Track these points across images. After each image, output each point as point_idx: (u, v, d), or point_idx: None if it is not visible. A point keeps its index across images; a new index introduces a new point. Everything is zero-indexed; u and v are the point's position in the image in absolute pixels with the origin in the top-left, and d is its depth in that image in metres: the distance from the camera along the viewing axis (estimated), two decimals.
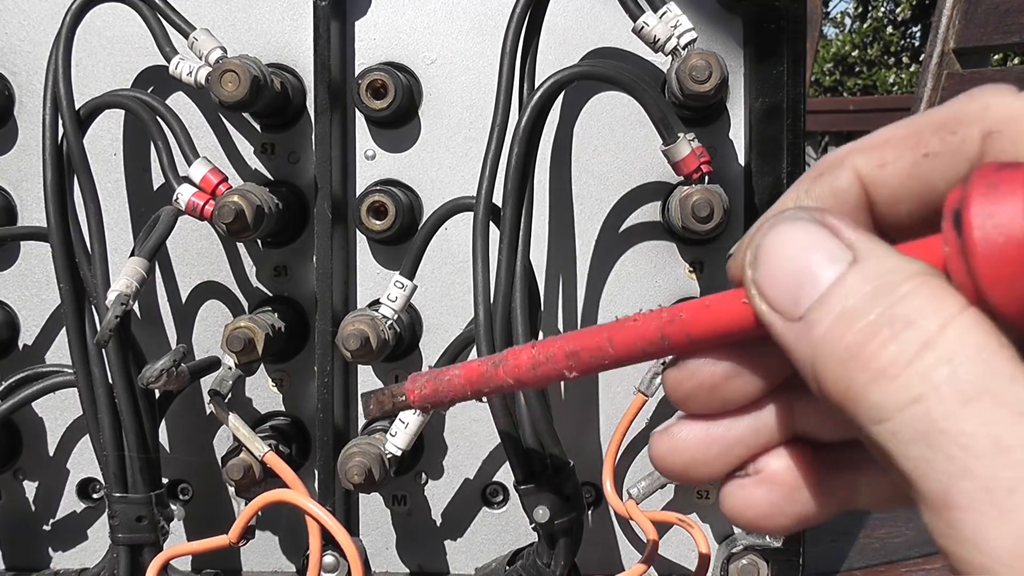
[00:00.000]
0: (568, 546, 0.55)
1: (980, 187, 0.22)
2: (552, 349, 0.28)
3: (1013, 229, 0.21)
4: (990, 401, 0.20)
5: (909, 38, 6.51)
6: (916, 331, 0.22)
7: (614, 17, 0.61)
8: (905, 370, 0.21)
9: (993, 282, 0.22)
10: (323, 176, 0.60)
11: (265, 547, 0.65)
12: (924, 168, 0.25)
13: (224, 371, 0.58)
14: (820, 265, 0.24)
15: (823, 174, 0.27)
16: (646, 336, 0.27)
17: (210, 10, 0.63)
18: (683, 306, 0.27)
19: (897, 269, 0.23)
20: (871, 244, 0.24)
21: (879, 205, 0.26)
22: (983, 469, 0.20)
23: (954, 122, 0.25)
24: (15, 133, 0.64)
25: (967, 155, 0.25)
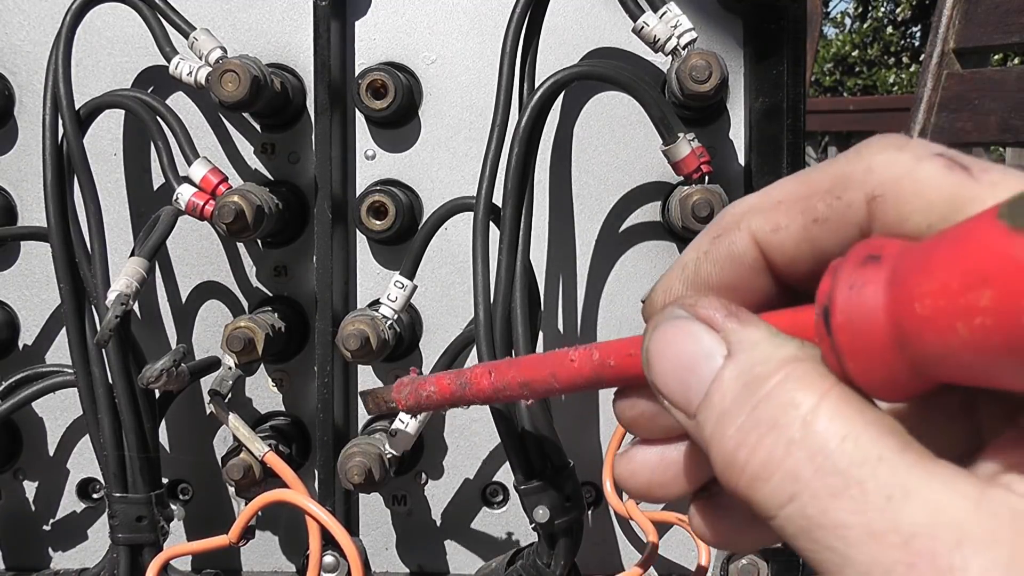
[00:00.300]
0: (568, 546, 0.55)
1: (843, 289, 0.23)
2: (507, 378, 0.31)
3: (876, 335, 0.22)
4: (858, 490, 0.21)
5: (909, 38, 6.51)
6: (780, 432, 0.22)
7: (614, 17, 0.61)
8: (776, 472, 0.22)
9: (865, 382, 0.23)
10: (323, 176, 0.60)
11: (265, 547, 0.65)
12: (814, 232, 0.26)
13: (224, 371, 0.58)
14: (699, 364, 0.25)
15: (720, 236, 0.28)
16: (583, 375, 0.29)
17: (210, 10, 0.63)
18: (612, 351, 0.28)
19: (766, 359, 0.24)
20: (743, 332, 0.24)
21: (778, 265, 0.27)
22: (861, 556, 0.21)
23: (840, 185, 0.25)
24: (15, 133, 0.64)
25: (854, 220, 0.25)
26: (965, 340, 0.20)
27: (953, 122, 1.38)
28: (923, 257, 0.21)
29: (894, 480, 0.21)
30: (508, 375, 0.31)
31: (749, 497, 0.23)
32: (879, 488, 0.21)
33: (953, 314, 0.20)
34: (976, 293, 0.20)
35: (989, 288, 0.19)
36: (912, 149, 0.24)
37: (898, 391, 0.23)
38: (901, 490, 0.21)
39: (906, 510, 0.21)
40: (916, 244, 0.22)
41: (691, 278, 0.28)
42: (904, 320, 0.21)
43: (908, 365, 0.22)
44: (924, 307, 0.21)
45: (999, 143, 1.79)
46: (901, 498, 0.21)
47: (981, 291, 0.19)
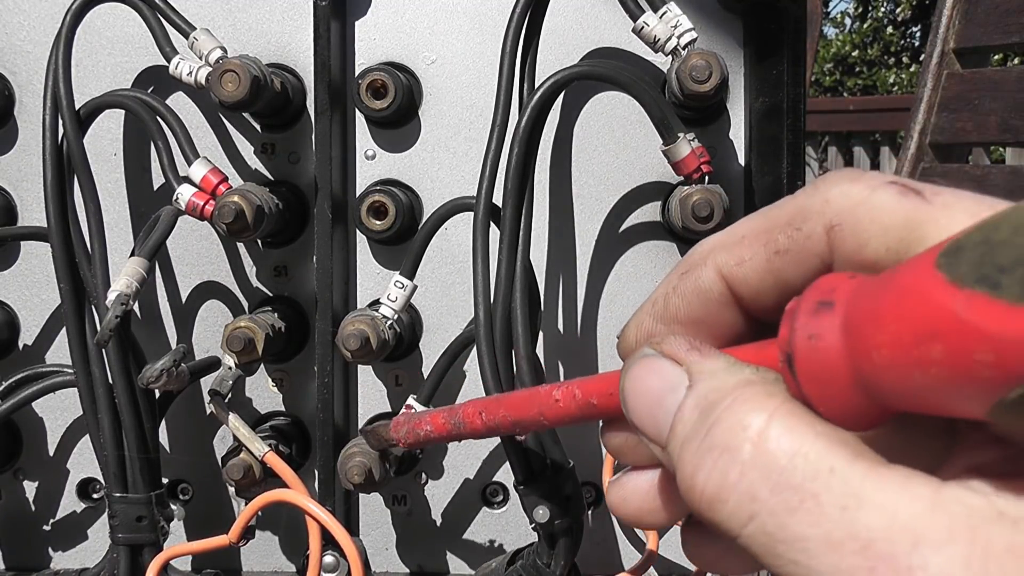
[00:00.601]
0: (568, 546, 0.55)
1: (802, 338, 0.24)
2: (497, 417, 0.32)
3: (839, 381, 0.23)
4: (812, 503, 0.22)
5: (909, 38, 6.51)
6: (733, 454, 0.23)
7: (614, 17, 0.61)
8: (732, 494, 0.23)
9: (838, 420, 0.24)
10: (323, 176, 0.60)
11: (265, 547, 0.65)
12: (777, 264, 0.27)
13: (224, 371, 0.58)
14: (665, 397, 0.26)
15: (688, 272, 0.29)
16: (570, 414, 0.30)
17: (210, 10, 0.63)
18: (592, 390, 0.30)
19: (719, 386, 0.25)
20: (703, 363, 0.26)
21: (744, 298, 0.28)
22: (823, 566, 0.21)
23: (800, 218, 0.26)
24: (15, 133, 0.64)
25: (814, 250, 0.26)
26: (923, 385, 0.21)
27: (953, 122, 1.38)
28: (873, 306, 0.22)
29: (847, 489, 0.22)
30: (499, 415, 0.33)
31: (712, 519, 0.24)
32: (833, 499, 0.22)
33: (909, 364, 0.21)
34: (927, 346, 0.20)
35: (939, 342, 0.20)
36: (866, 180, 0.25)
37: (865, 423, 0.24)
38: (855, 499, 0.21)
39: (861, 517, 0.21)
40: (865, 287, 0.23)
41: (661, 313, 0.29)
42: (863, 367, 0.22)
43: (871, 401, 0.23)
44: (881, 357, 0.22)
45: (999, 143, 1.79)
46: (856, 506, 0.21)
47: (932, 344, 0.20)
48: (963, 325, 0.20)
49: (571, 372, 0.64)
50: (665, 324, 0.29)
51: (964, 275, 0.20)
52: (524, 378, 0.53)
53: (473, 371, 0.62)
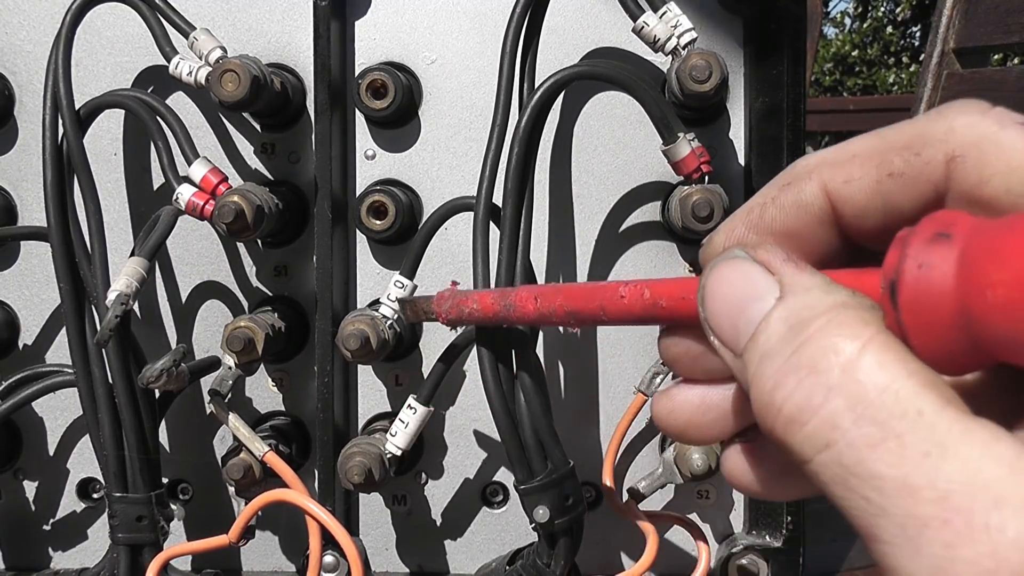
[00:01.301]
0: (568, 546, 0.55)
1: (912, 266, 0.23)
2: (554, 305, 0.31)
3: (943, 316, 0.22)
4: (895, 443, 0.21)
5: (909, 38, 6.51)
6: (819, 376, 0.22)
7: (614, 17, 0.61)
8: (813, 417, 0.22)
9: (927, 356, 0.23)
10: (323, 176, 0.60)
11: (265, 547, 0.65)
12: (889, 187, 0.26)
13: (224, 371, 0.58)
14: (751, 304, 0.25)
15: (791, 183, 0.28)
16: (633, 312, 0.29)
17: (210, 10, 0.63)
18: (663, 291, 0.28)
19: (813, 304, 0.24)
20: (798, 276, 0.25)
21: (846, 218, 0.27)
22: (896, 508, 0.21)
23: (919, 143, 0.25)
24: (15, 133, 0.64)
25: (931, 178, 0.25)
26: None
27: None
28: (996, 242, 0.21)
29: (932, 436, 0.21)
30: (555, 302, 0.31)
31: (784, 440, 0.23)
32: (917, 443, 0.21)
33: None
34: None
35: None
36: (996, 115, 0.24)
37: (958, 367, 0.23)
38: (939, 447, 0.21)
39: (943, 467, 0.21)
40: (988, 224, 0.22)
41: (755, 222, 0.28)
42: (973, 305, 0.21)
43: (971, 346, 0.22)
44: (996, 296, 0.21)
45: None
46: (939, 455, 0.21)
47: None
48: None
49: (571, 372, 0.64)
50: (758, 234, 0.28)
51: None
52: (524, 379, 0.53)
53: (473, 371, 0.62)
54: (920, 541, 0.20)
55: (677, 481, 0.59)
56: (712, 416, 0.28)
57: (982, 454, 0.21)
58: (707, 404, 0.28)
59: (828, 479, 0.22)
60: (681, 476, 0.59)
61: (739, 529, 0.64)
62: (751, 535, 0.62)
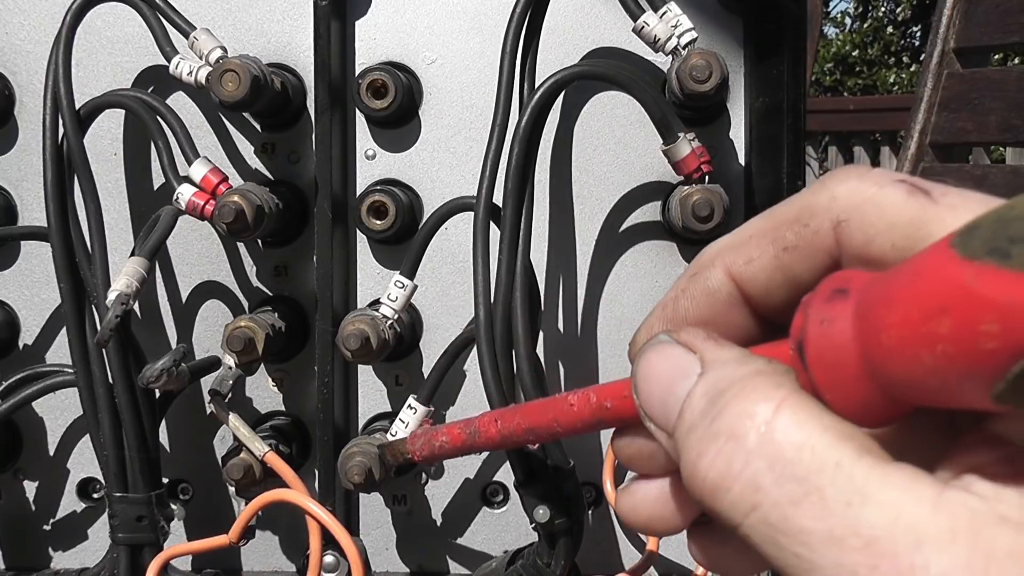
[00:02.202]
0: (568, 546, 0.55)
1: (814, 324, 0.24)
2: (512, 425, 0.33)
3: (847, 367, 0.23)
4: (817, 497, 0.22)
5: (909, 38, 6.51)
6: (738, 442, 0.23)
7: (614, 17, 0.61)
8: (735, 482, 0.23)
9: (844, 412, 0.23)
10: (323, 176, 0.60)
11: (265, 547, 0.65)
12: (785, 261, 0.27)
13: (224, 371, 0.58)
14: (676, 382, 0.26)
15: (697, 274, 0.29)
16: (584, 419, 0.30)
17: (210, 10, 0.63)
18: (607, 393, 0.29)
19: (729, 375, 0.24)
20: (717, 351, 0.26)
21: (754, 297, 0.28)
22: (825, 560, 0.21)
23: (807, 214, 0.26)
24: (15, 133, 0.64)
25: (822, 246, 0.26)
26: (930, 367, 0.21)
27: (953, 122, 1.38)
28: (885, 289, 0.22)
29: (852, 485, 0.22)
30: (513, 423, 0.33)
31: (713, 507, 0.24)
32: (838, 494, 0.22)
33: (916, 343, 0.21)
34: (935, 322, 0.20)
35: (946, 316, 0.20)
36: (873, 177, 0.25)
37: (876, 418, 0.24)
38: (859, 495, 0.21)
39: (865, 514, 0.21)
40: (880, 275, 0.23)
41: (671, 316, 0.30)
42: (872, 351, 0.22)
43: (881, 393, 0.23)
44: (889, 338, 0.22)
45: (999, 143, 1.79)
46: (860, 503, 0.21)
47: (940, 319, 0.20)
48: (969, 294, 0.19)
49: (571, 372, 0.64)
50: (675, 327, 0.29)
51: (976, 249, 0.20)
52: (524, 378, 0.53)
53: (473, 371, 0.62)
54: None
55: None
56: (672, 508, 0.29)
57: (902, 496, 0.21)
58: (666, 496, 0.29)
59: (759, 540, 0.23)
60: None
61: None
62: None
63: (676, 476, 0.29)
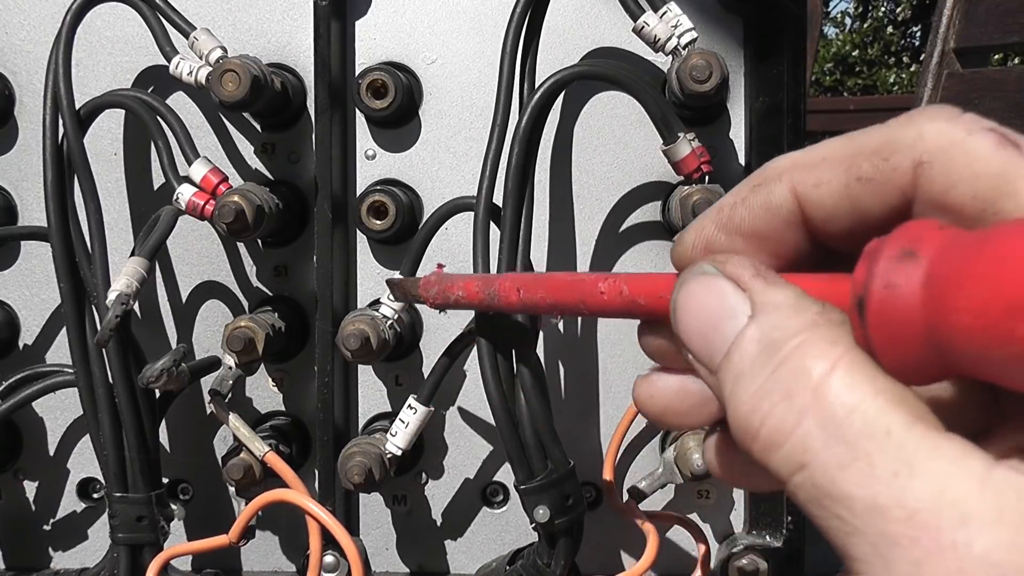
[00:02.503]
0: (568, 546, 0.55)
1: (878, 286, 0.23)
2: (536, 296, 0.32)
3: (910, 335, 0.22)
4: (865, 463, 0.21)
5: (909, 38, 6.51)
6: (792, 400, 0.23)
7: (614, 17, 0.61)
8: (787, 439, 0.23)
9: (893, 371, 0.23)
10: (323, 176, 0.60)
11: (265, 547, 0.65)
12: (857, 191, 0.26)
13: (224, 371, 0.58)
14: (723, 322, 0.25)
15: (761, 184, 0.28)
16: (612, 307, 0.30)
17: (210, 10, 0.63)
18: (641, 289, 0.29)
19: (784, 324, 0.24)
20: (769, 293, 0.25)
21: (815, 221, 0.27)
22: (867, 527, 0.21)
23: (888, 148, 0.25)
24: (15, 133, 0.64)
25: (899, 183, 0.25)
26: (1000, 358, 0.20)
27: None
28: (963, 266, 0.21)
29: (901, 455, 0.21)
30: (537, 295, 0.32)
31: (763, 461, 0.23)
32: (886, 462, 0.21)
33: (992, 335, 0.20)
34: (1016, 322, 0.20)
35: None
36: (964, 121, 0.24)
37: (928, 379, 0.23)
38: (907, 465, 0.21)
39: (911, 486, 0.21)
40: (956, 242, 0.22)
41: (725, 222, 0.28)
42: (939, 327, 0.22)
43: (939, 361, 0.22)
44: (960, 320, 0.21)
45: None
46: (907, 474, 0.21)
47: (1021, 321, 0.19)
48: None
49: (571, 372, 0.64)
50: (727, 234, 0.28)
51: None
52: (524, 378, 0.53)
53: (473, 371, 0.62)
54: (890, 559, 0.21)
55: (677, 481, 0.59)
56: (690, 403, 0.29)
57: (950, 471, 0.21)
58: (686, 391, 0.29)
59: (804, 499, 0.23)
60: (681, 476, 0.59)
61: (739, 529, 0.64)
62: (751, 535, 0.62)
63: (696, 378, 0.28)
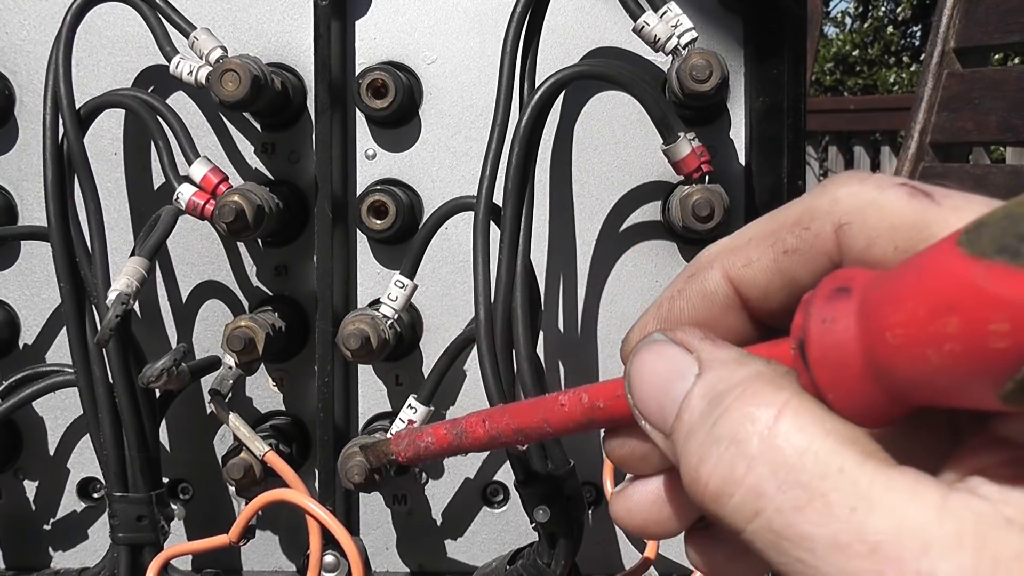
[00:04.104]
0: (568, 546, 0.55)
1: (816, 323, 0.23)
2: (500, 425, 0.32)
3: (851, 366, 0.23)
4: (821, 503, 0.21)
5: (910, 38, 6.51)
6: (740, 447, 0.23)
7: (614, 17, 0.61)
8: (739, 488, 0.23)
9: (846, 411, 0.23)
10: (323, 175, 0.60)
11: (265, 547, 0.65)
12: (785, 264, 0.27)
13: (224, 370, 0.58)
14: (673, 383, 0.25)
15: (694, 275, 0.29)
16: (575, 419, 0.30)
17: (211, 9, 0.63)
18: (599, 393, 0.29)
19: (728, 377, 0.24)
20: (715, 352, 0.25)
21: (751, 300, 0.28)
22: (829, 567, 0.21)
23: (807, 217, 0.26)
24: (15, 132, 0.64)
25: (823, 248, 0.26)
26: (936, 366, 0.21)
27: (953, 121, 1.38)
28: (891, 287, 0.22)
29: (856, 491, 0.21)
30: (502, 423, 0.32)
31: (716, 513, 0.23)
32: (842, 499, 0.21)
33: (923, 342, 0.21)
34: (943, 320, 0.20)
35: (955, 315, 0.20)
36: (874, 180, 0.25)
37: (878, 418, 0.23)
38: (863, 500, 0.21)
39: (870, 520, 0.21)
40: (883, 274, 0.23)
41: (665, 315, 0.29)
42: (877, 350, 0.22)
43: (884, 392, 0.22)
44: (895, 336, 0.21)
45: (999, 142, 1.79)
46: (864, 508, 0.21)
47: (948, 318, 0.20)
48: (979, 293, 0.19)
49: (571, 372, 0.64)
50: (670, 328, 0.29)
51: (984, 248, 0.20)
52: (524, 378, 0.53)
53: (473, 371, 0.62)
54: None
55: None
56: (669, 511, 0.28)
57: (907, 500, 0.21)
58: (662, 499, 0.29)
59: (762, 546, 0.22)
60: None
61: None
62: None
63: (671, 476, 0.28)
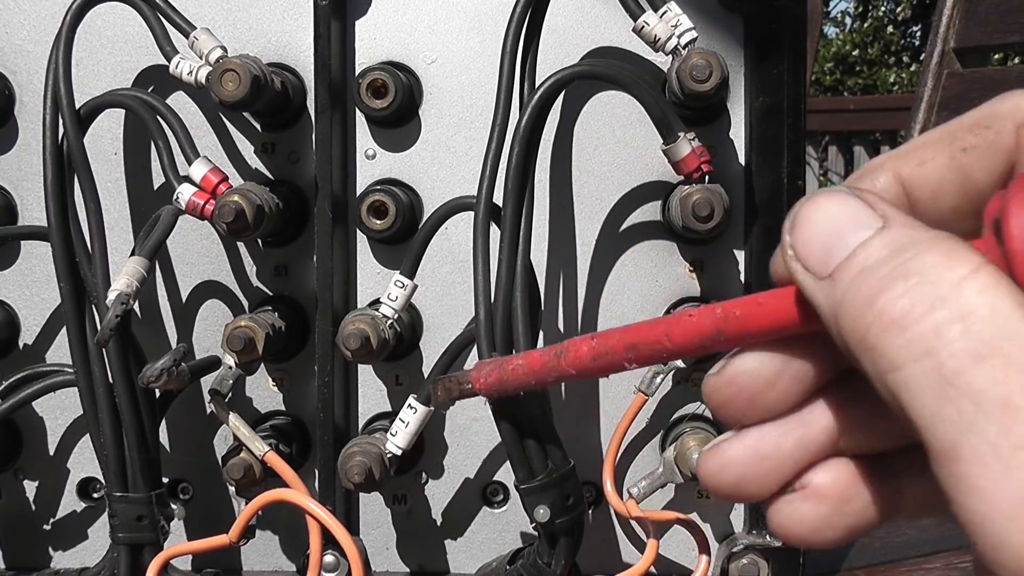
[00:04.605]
0: (568, 546, 0.55)
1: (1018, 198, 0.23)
2: (611, 342, 0.29)
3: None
4: (1002, 361, 0.21)
5: (910, 37, 6.51)
6: (929, 286, 0.22)
7: (614, 17, 0.61)
8: (917, 323, 0.22)
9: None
10: (323, 175, 0.60)
11: (265, 547, 0.65)
12: (962, 162, 0.26)
13: (224, 370, 0.58)
14: (850, 229, 0.24)
15: (862, 176, 0.28)
16: (702, 332, 0.27)
17: (210, 9, 0.63)
18: (737, 303, 0.27)
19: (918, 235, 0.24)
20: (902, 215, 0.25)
21: (921, 203, 0.27)
22: (991, 426, 0.21)
23: (988, 118, 0.26)
24: (15, 132, 0.64)
25: (1003, 147, 0.26)
26: None
27: None
28: None
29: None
30: (612, 340, 0.30)
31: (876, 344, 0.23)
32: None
33: None
34: None
35: None
36: None
37: None
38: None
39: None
40: None
41: None
42: None
43: None
44: None
45: None
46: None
47: None
48: None
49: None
50: None
51: None
52: None
53: None
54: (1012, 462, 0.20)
55: (677, 481, 0.59)
56: (766, 468, 0.27)
57: None
58: (760, 453, 0.27)
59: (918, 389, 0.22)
60: (681, 476, 0.59)
61: (739, 529, 0.64)
62: (751, 535, 0.62)
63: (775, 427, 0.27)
